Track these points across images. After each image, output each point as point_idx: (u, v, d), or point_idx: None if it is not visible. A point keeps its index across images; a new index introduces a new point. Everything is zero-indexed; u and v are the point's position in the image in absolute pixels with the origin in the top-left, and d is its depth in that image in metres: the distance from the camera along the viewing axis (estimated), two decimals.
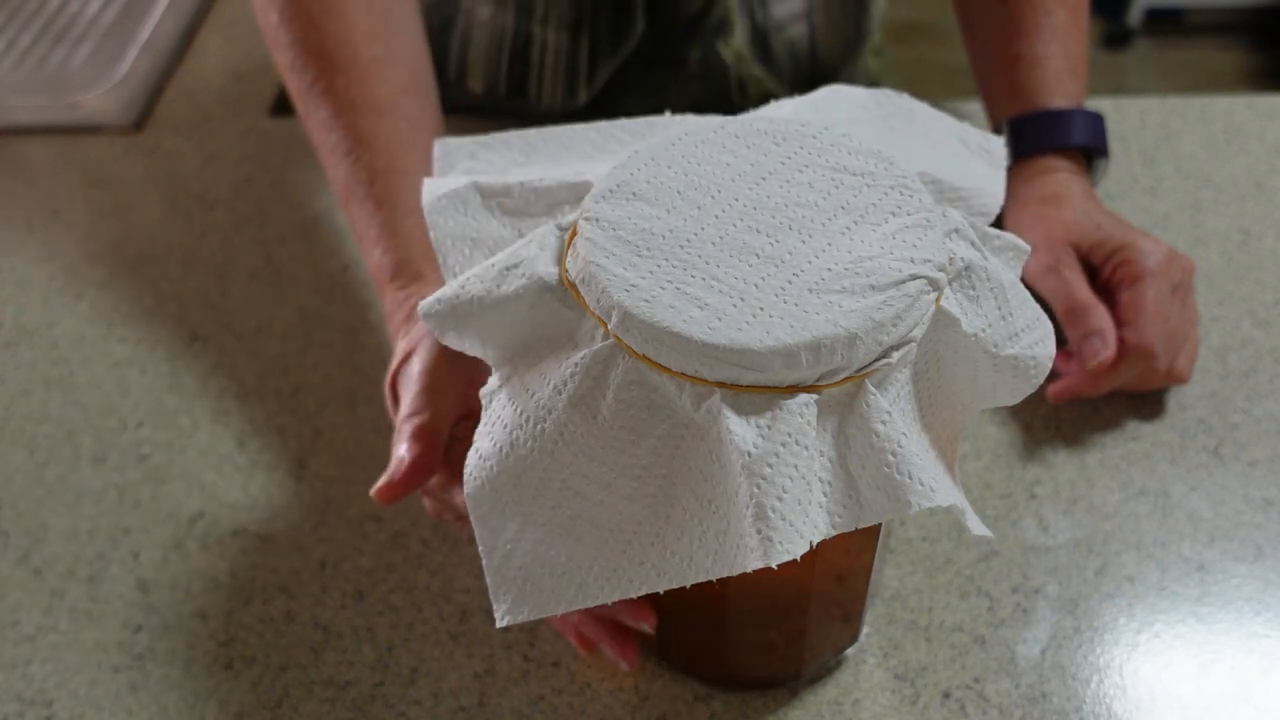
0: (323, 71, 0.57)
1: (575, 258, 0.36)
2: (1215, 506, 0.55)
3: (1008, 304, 0.37)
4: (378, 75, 0.58)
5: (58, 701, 0.50)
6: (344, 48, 0.58)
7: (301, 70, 0.58)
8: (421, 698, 0.50)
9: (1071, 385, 0.58)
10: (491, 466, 0.37)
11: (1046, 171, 0.62)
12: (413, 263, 0.55)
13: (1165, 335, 0.57)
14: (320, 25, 0.58)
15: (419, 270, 0.55)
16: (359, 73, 0.57)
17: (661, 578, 0.36)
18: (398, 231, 0.55)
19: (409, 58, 0.61)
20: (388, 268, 0.55)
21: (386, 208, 0.55)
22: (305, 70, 0.58)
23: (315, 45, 0.58)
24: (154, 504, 0.58)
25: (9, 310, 0.70)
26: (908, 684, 0.49)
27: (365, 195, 0.56)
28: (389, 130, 0.57)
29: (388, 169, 0.56)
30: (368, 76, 0.57)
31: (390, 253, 0.55)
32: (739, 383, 0.33)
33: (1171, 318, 0.57)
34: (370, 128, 0.57)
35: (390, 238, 0.55)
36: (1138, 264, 0.57)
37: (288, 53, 0.59)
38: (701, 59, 0.76)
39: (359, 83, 0.57)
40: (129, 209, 0.76)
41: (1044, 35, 0.65)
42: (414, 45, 0.62)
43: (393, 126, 0.57)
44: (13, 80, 0.88)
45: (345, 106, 0.57)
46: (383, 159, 0.56)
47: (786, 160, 0.39)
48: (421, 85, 0.61)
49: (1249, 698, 0.48)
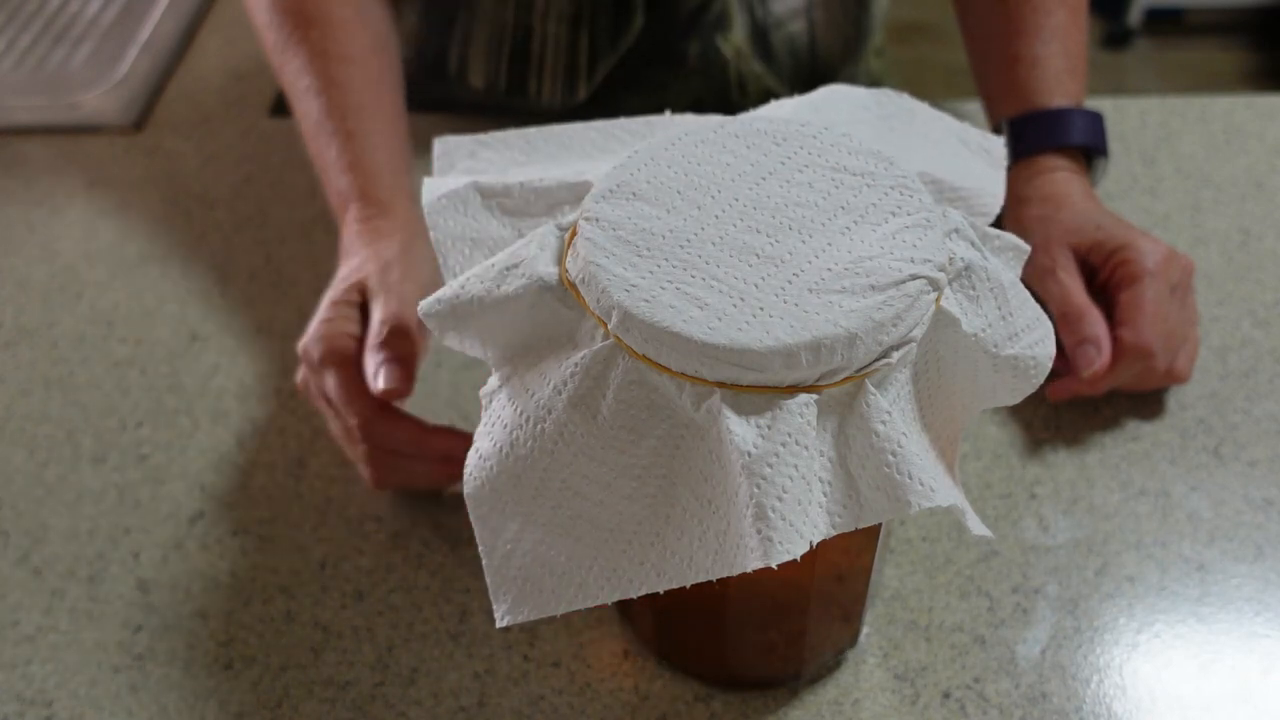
0: (298, 25, 0.63)
1: (575, 258, 0.36)
2: (1215, 506, 0.55)
3: (1008, 304, 0.37)
4: (347, 33, 0.64)
5: (58, 701, 0.50)
6: (318, 7, 0.64)
7: (279, 26, 0.64)
8: (421, 698, 0.50)
9: (1070, 385, 0.58)
10: (491, 466, 0.37)
11: (1046, 171, 0.62)
12: (379, 194, 0.59)
13: (1164, 335, 0.56)
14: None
15: (385, 202, 0.58)
16: (331, 28, 0.63)
17: (661, 578, 0.36)
18: (364, 165, 0.59)
19: (376, 24, 0.66)
20: (353, 194, 0.59)
21: (356, 141, 0.60)
22: (281, 26, 0.64)
23: (292, 4, 0.64)
24: (154, 504, 0.58)
25: (9, 310, 0.70)
26: (908, 684, 0.49)
27: (336, 129, 0.60)
28: (360, 78, 0.62)
29: (359, 108, 0.61)
30: (339, 32, 0.63)
31: (357, 181, 0.59)
32: (739, 383, 0.33)
33: (1170, 317, 0.57)
34: (342, 74, 0.62)
35: (358, 168, 0.59)
36: (1136, 264, 0.57)
37: (265, 13, 0.65)
38: (701, 54, 0.76)
39: (331, 37, 0.63)
40: (129, 209, 0.76)
41: (1044, 35, 0.65)
42: (381, 14, 0.67)
43: (363, 75, 0.63)
44: (13, 80, 0.88)
45: (318, 54, 0.62)
46: (354, 99, 0.61)
47: (786, 160, 0.39)
48: (387, 49, 0.66)
49: (1249, 698, 0.48)
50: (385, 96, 0.63)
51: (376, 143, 0.60)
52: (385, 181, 0.59)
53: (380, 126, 0.61)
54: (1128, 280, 0.57)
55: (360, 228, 0.58)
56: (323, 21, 0.63)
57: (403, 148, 0.62)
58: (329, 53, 0.62)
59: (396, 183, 0.60)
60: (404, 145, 0.63)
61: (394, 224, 0.58)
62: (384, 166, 0.60)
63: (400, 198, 0.59)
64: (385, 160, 0.60)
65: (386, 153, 0.60)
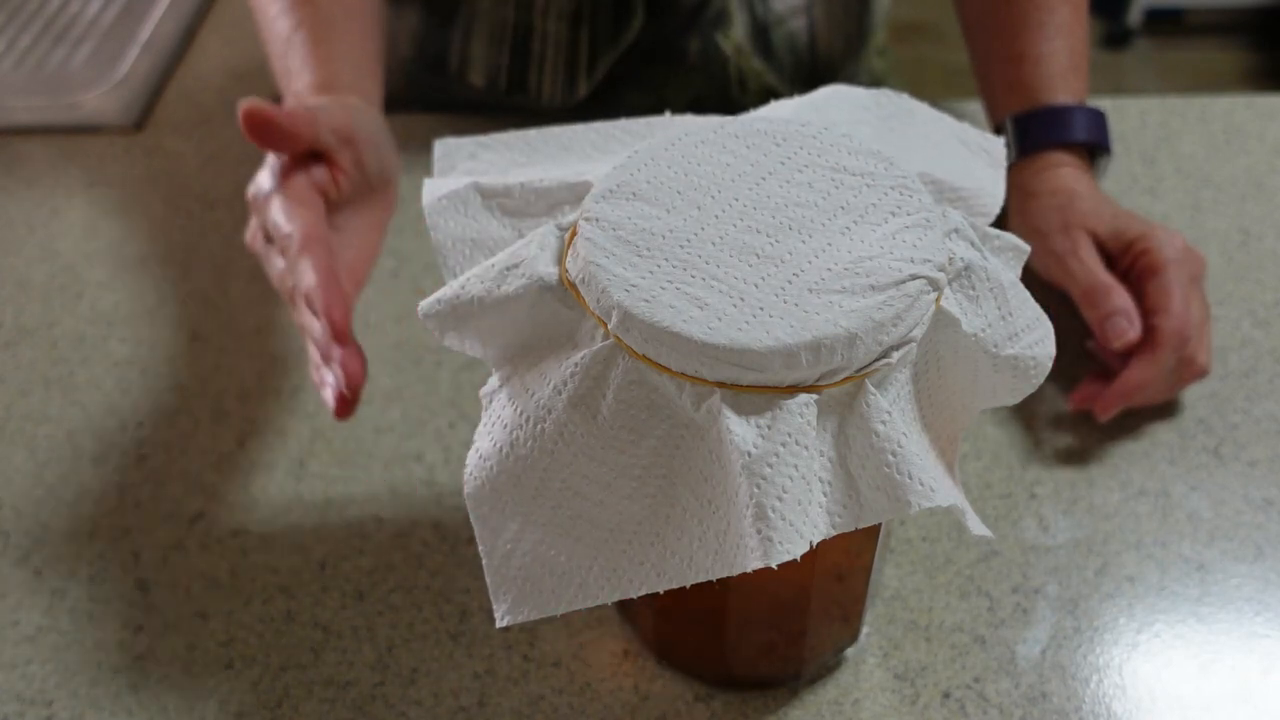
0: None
1: (575, 258, 0.36)
2: (1215, 506, 0.55)
3: (1008, 304, 0.37)
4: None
5: (58, 701, 0.50)
6: None
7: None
8: (421, 698, 0.50)
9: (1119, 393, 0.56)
10: (491, 466, 0.37)
11: (1052, 167, 0.63)
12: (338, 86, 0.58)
13: (1195, 323, 0.56)
14: None
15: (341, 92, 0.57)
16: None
17: (661, 578, 0.36)
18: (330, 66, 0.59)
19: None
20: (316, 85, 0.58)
21: (322, 49, 0.59)
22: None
23: None
24: (154, 504, 0.58)
25: (9, 310, 0.70)
26: (908, 684, 0.49)
27: (301, 41, 0.59)
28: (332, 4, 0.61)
29: (327, 25, 0.60)
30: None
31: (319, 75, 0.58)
32: (739, 383, 0.33)
33: (1195, 307, 0.57)
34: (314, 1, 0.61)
35: (321, 66, 0.59)
36: (1158, 253, 0.57)
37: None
38: (701, 51, 0.76)
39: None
40: (129, 209, 0.76)
41: (1047, 32, 0.65)
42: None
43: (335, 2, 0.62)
44: (13, 80, 0.88)
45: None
46: (323, 19, 0.60)
47: (786, 160, 0.39)
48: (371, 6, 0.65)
49: (1249, 698, 0.48)
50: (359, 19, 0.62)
51: (341, 54, 0.60)
52: (345, 79, 0.58)
53: (349, 40, 0.61)
54: (1150, 270, 0.57)
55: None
56: None
57: (368, 62, 0.62)
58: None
59: (355, 81, 0.59)
60: (370, 60, 0.62)
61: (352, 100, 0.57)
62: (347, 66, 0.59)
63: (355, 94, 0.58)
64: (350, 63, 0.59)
65: (349, 62, 0.60)
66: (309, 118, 0.52)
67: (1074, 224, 0.60)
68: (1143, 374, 0.56)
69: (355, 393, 0.47)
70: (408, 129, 0.79)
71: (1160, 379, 0.56)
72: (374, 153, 0.55)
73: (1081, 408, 0.58)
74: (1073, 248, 0.59)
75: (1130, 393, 0.56)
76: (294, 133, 0.51)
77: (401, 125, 0.80)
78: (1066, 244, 0.59)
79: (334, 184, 0.53)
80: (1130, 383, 0.56)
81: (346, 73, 0.59)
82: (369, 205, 0.55)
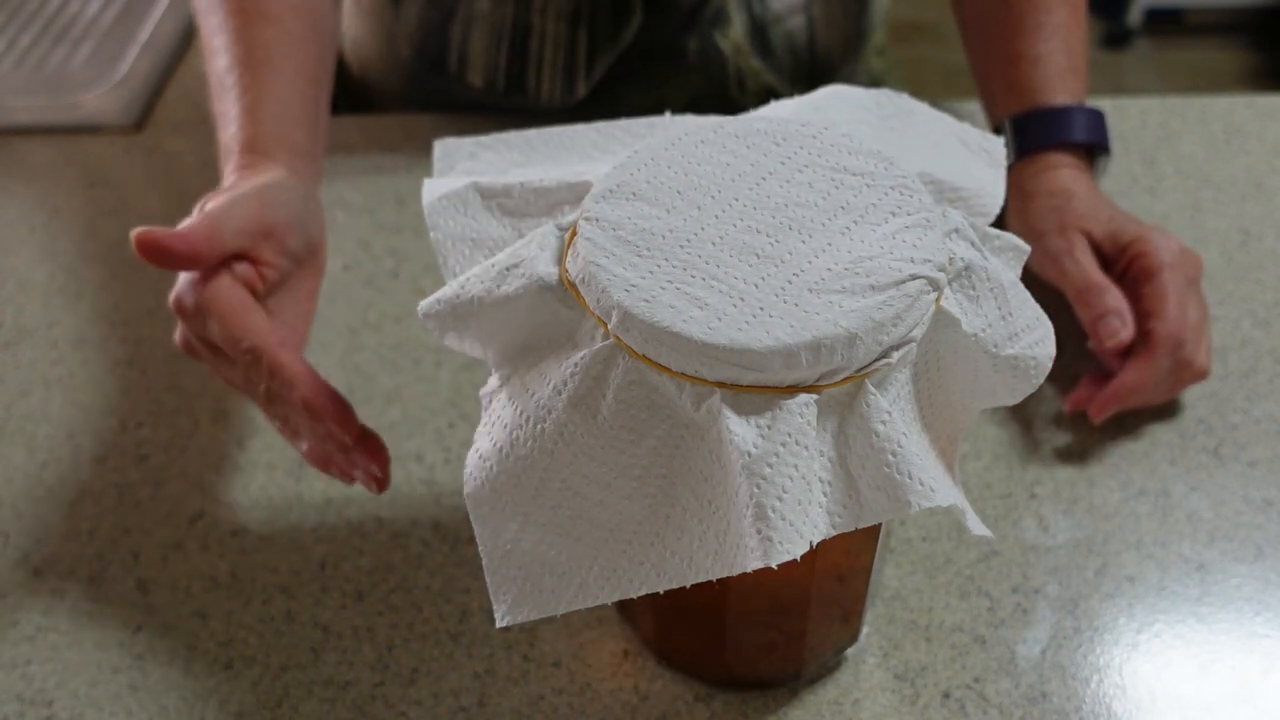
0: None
1: (575, 258, 0.36)
2: (1215, 506, 0.55)
3: (1008, 304, 0.37)
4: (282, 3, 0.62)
5: (58, 701, 0.50)
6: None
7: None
8: (421, 698, 0.50)
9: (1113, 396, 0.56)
10: (491, 466, 0.37)
11: (1051, 168, 0.63)
12: (263, 143, 0.57)
13: (1191, 326, 0.56)
14: None
15: (268, 153, 0.57)
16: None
17: (661, 578, 0.36)
18: (257, 116, 0.58)
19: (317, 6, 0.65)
20: (240, 142, 0.58)
21: (251, 94, 0.59)
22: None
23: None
24: (154, 504, 0.58)
25: (9, 310, 0.70)
26: (908, 684, 0.49)
27: (234, 84, 0.59)
28: (271, 36, 0.61)
29: (262, 64, 0.60)
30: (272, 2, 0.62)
31: (245, 130, 0.58)
32: (739, 383, 0.33)
33: (1191, 310, 0.57)
34: (253, 32, 0.61)
35: (248, 117, 0.58)
36: (1154, 256, 0.57)
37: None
38: (700, 50, 0.76)
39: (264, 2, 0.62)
40: (129, 209, 0.76)
41: (1044, 33, 0.65)
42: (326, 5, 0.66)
43: (275, 34, 0.61)
44: (13, 80, 0.88)
45: (236, 12, 0.61)
46: (260, 54, 0.60)
47: (786, 160, 0.39)
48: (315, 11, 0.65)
49: (1249, 698, 0.48)
50: (298, 54, 0.62)
51: (274, 97, 0.59)
52: (270, 132, 0.58)
53: (281, 82, 0.60)
54: (1146, 273, 0.57)
55: (239, 175, 0.56)
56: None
57: (302, 103, 0.61)
58: (247, 11, 0.61)
59: (282, 133, 0.58)
60: (305, 101, 0.61)
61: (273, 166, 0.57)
62: (273, 118, 0.58)
63: (281, 149, 0.58)
64: (276, 113, 0.59)
65: (280, 105, 0.59)
66: (207, 230, 0.50)
67: (1070, 225, 0.60)
68: (1137, 377, 0.56)
69: (387, 470, 0.51)
70: (408, 129, 0.79)
71: (1155, 382, 0.57)
72: (297, 233, 0.53)
73: (1078, 409, 0.58)
74: (1068, 248, 0.59)
75: (1124, 396, 0.57)
76: (194, 254, 0.49)
77: (401, 125, 0.80)
78: (1062, 244, 0.59)
79: (259, 278, 0.51)
80: (1124, 386, 0.56)
81: (272, 125, 0.58)
82: (299, 277, 0.54)
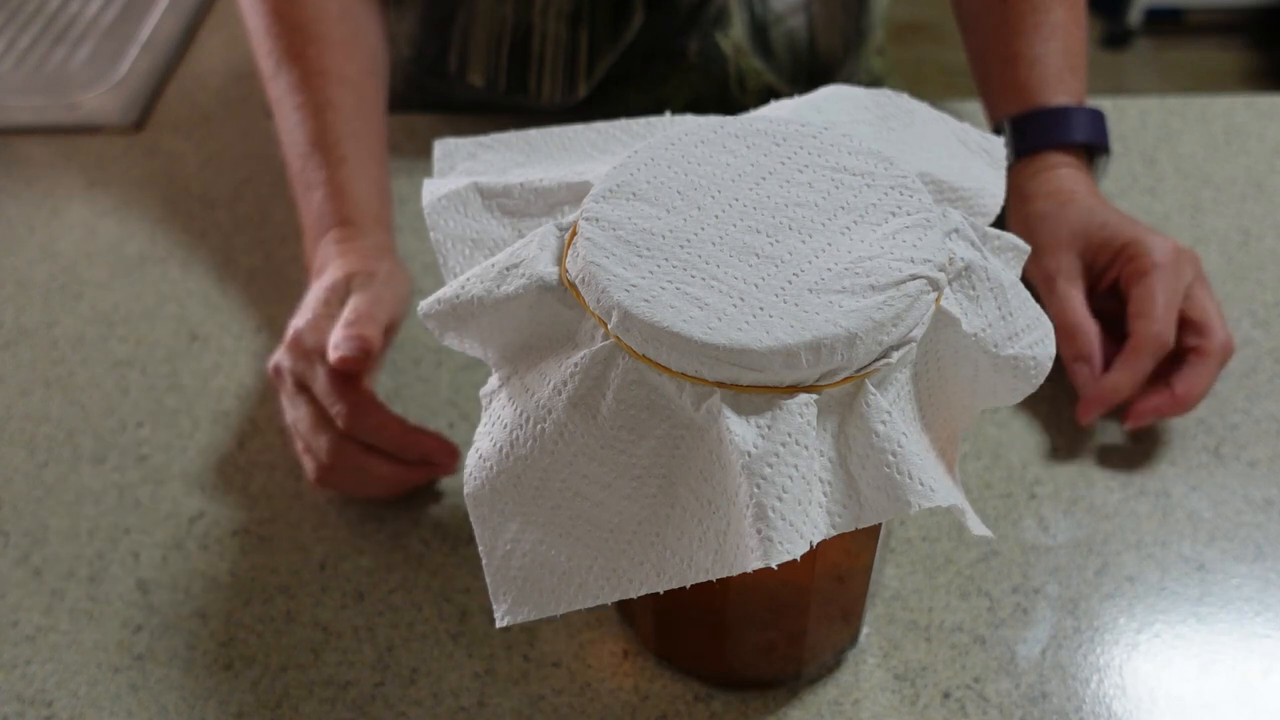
0: (295, 40, 0.63)
1: (575, 258, 0.36)
2: (1215, 506, 0.55)
3: (1008, 304, 0.37)
4: (345, 52, 0.64)
5: (58, 701, 0.50)
6: (317, 23, 0.63)
7: (276, 36, 0.64)
8: (421, 698, 0.50)
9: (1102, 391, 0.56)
10: (491, 466, 0.37)
11: (1050, 168, 0.62)
12: (363, 222, 0.60)
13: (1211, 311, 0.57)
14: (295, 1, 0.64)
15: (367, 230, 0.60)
16: (330, 47, 0.63)
17: (661, 578, 0.36)
18: (350, 192, 0.60)
19: (371, 43, 0.67)
20: (336, 219, 0.60)
21: (346, 168, 0.60)
22: (280, 37, 0.63)
23: (290, 17, 0.63)
24: (154, 504, 0.58)
25: (9, 310, 0.70)
26: (908, 684, 0.49)
27: (328, 153, 0.61)
28: (353, 101, 0.63)
29: (351, 134, 0.61)
30: (338, 51, 0.63)
31: (342, 208, 0.60)
32: (739, 383, 0.33)
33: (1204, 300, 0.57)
34: (339, 95, 0.62)
35: (343, 194, 0.60)
36: (1145, 258, 0.57)
37: (262, 19, 0.64)
38: (700, 50, 0.76)
39: (330, 55, 0.63)
40: (129, 209, 0.76)
41: (1043, 33, 0.65)
42: (376, 33, 0.68)
43: (356, 98, 0.63)
44: (13, 80, 0.88)
45: (316, 73, 0.62)
46: (345, 124, 0.62)
47: (786, 160, 0.39)
48: (380, 70, 0.67)
49: (1249, 698, 0.48)
50: (374, 121, 0.64)
51: (362, 172, 0.61)
52: (369, 210, 0.61)
53: (368, 154, 0.62)
54: (1136, 275, 0.57)
55: (341, 246, 0.59)
56: (320, 40, 0.63)
57: (383, 176, 0.64)
58: (328, 71, 0.62)
59: (380, 214, 0.62)
60: (385, 173, 0.64)
61: (373, 245, 0.60)
62: (367, 196, 0.61)
63: (379, 228, 0.61)
64: (368, 190, 0.61)
65: (369, 183, 0.62)
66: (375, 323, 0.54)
67: (1062, 243, 0.59)
68: (1120, 379, 0.56)
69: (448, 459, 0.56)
70: (408, 129, 0.79)
71: (1138, 383, 0.57)
72: (401, 310, 0.58)
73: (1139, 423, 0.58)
74: (1054, 273, 0.59)
75: (1108, 397, 0.56)
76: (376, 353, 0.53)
77: (401, 125, 0.80)
78: (1051, 266, 0.59)
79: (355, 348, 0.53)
80: (1107, 388, 0.56)
81: (368, 204, 0.61)
82: None
